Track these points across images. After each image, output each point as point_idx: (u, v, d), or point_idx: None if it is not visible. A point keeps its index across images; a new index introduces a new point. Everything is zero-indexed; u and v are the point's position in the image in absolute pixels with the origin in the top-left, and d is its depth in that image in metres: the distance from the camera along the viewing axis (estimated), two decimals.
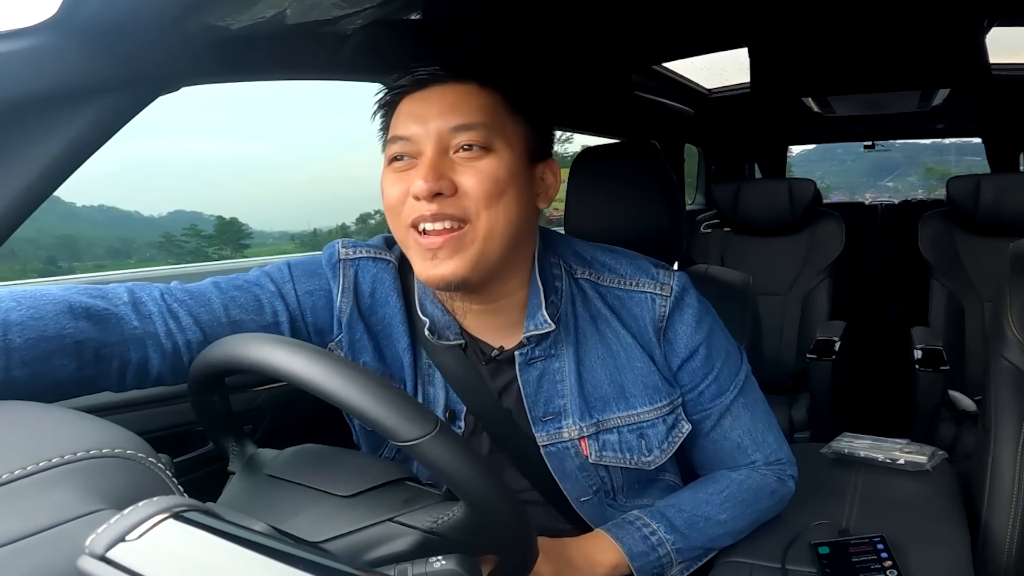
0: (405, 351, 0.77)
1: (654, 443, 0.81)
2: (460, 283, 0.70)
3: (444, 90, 0.71)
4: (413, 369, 0.78)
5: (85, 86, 0.76)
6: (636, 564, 0.80)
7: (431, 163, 0.68)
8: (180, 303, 0.69)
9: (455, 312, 0.77)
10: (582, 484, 0.81)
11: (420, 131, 0.70)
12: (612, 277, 0.81)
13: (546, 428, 0.78)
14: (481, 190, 0.68)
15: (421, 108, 0.71)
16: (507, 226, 0.70)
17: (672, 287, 0.80)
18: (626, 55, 1.96)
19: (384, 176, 0.72)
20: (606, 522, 0.84)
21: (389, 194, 0.71)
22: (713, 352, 0.82)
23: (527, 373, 0.77)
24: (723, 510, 0.85)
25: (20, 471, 0.39)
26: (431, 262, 0.69)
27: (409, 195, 0.68)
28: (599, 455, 0.79)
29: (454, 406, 0.78)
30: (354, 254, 0.79)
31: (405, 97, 0.73)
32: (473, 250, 0.69)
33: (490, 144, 0.70)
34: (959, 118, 3.45)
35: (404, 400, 0.52)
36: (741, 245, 2.43)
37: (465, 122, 0.69)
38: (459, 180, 0.68)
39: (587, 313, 0.79)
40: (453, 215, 0.68)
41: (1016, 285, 1.00)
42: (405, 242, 0.72)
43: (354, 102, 1.42)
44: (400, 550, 0.54)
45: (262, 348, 0.55)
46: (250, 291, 0.73)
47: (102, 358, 0.63)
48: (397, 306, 0.77)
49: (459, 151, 0.69)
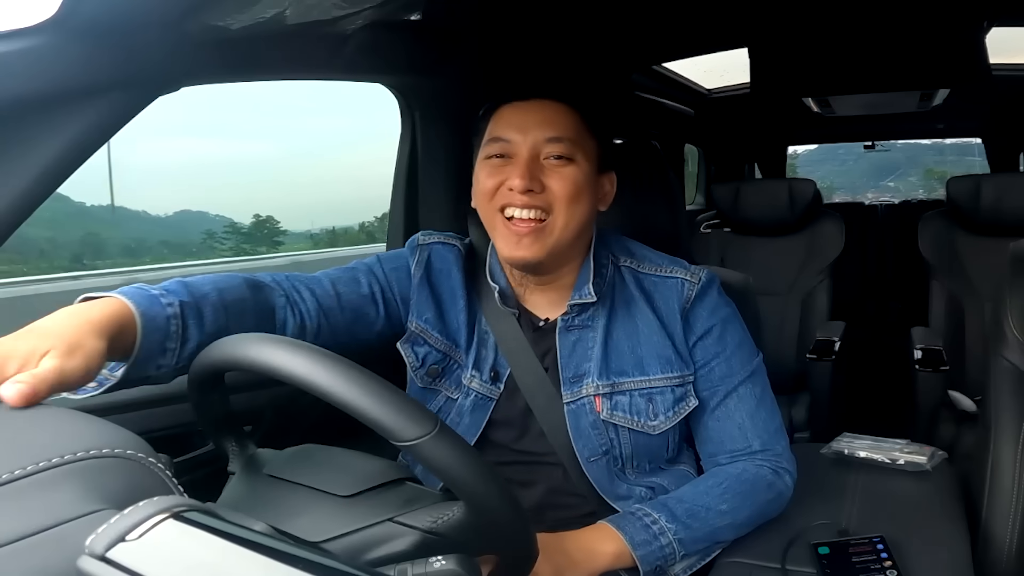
0: (463, 317, 0.92)
1: (660, 408, 0.89)
2: (536, 264, 0.85)
3: (542, 105, 0.86)
4: (468, 332, 0.92)
5: (85, 86, 0.76)
6: (639, 553, 0.81)
7: (527, 165, 0.83)
8: (299, 282, 0.87)
9: (515, 285, 0.92)
10: (593, 443, 0.88)
11: (519, 137, 0.84)
12: (651, 266, 0.93)
13: (571, 388, 0.89)
14: (564, 192, 0.83)
15: (521, 118, 0.85)
16: (578, 223, 0.85)
17: (701, 277, 0.92)
18: (626, 55, 1.96)
19: (480, 167, 0.88)
20: (612, 492, 0.88)
21: (484, 183, 0.85)
22: (727, 336, 0.91)
23: (565, 338, 0.90)
24: (723, 500, 0.86)
25: (20, 471, 0.39)
26: (517, 245, 0.83)
27: (503, 186, 0.83)
28: (610, 413, 0.88)
29: (499, 368, 0.91)
30: (428, 240, 0.96)
31: (506, 105, 0.87)
32: (551, 239, 0.84)
33: (573, 155, 0.85)
34: (959, 118, 3.45)
35: (404, 400, 0.52)
36: (741, 245, 2.43)
37: (556, 135, 0.84)
38: (547, 182, 0.83)
39: (623, 296, 0.91)
40: (539, 206, 0.82)
41: (1016, 285, 1.00)
42: (492, 223, 0.86)
43: (349, 103, 1.43)
44: (400, 550, 0.54)
45: (262, 348, 0.55)
46: (349, 272, 0.92)
47: (265, 318, 0.81)
48: (459, 280, 0.93)
49: (548, 158, 0.84)
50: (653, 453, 0.91)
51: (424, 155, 1.46)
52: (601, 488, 0.88)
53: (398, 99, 1.45)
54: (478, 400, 0.90)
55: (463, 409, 0.91)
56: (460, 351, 0.92)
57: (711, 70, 2.72)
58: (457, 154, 1.45)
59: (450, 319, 0.93)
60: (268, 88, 1.17)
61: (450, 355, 0.92)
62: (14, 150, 0.73)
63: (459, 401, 0.91)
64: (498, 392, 0.90)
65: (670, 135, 3.02)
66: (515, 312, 0.91)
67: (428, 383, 0.93)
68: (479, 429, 0.90)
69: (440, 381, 0.92)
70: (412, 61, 1.27)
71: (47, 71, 0.72)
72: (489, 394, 0.91)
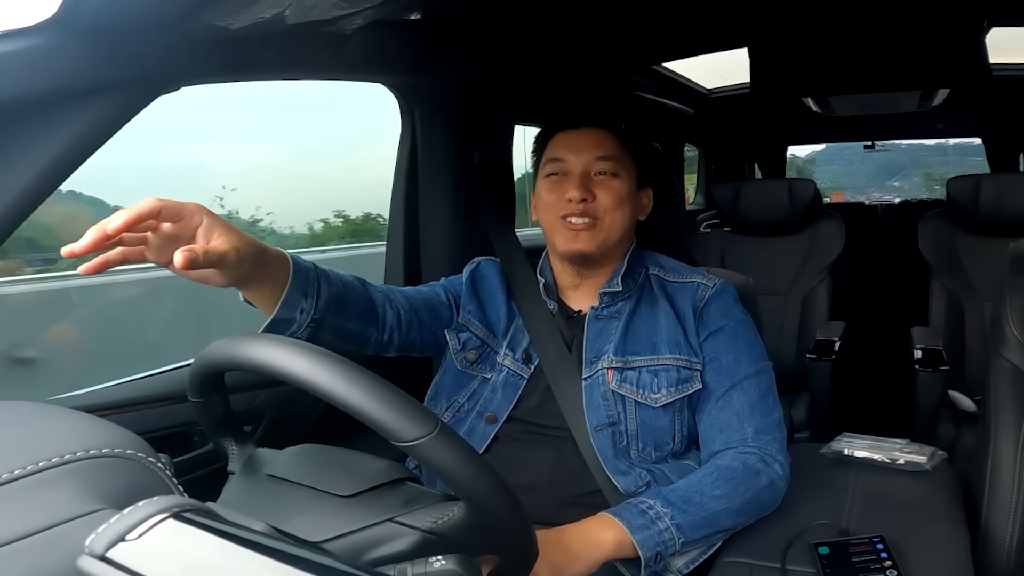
0: (503, 310, 1.08)
1: (663, 383, 0.98)
2: (589, 256, 1.01)
3: (591, 132, 1.03)
4: (506, 323, 1.07)
5: (85, 86, 0.76)
6: (637, 537, 0.83)
7: (580, 180, 0.99)
8: (389, 288, 1.02)
9: (557, 279, 1.08)
10: (601, 412, 0.97)
11: (573, 158, 1.01)
12: (675, 275, 1.07)
13: (591, 366, 1.00)
14: (611, 201, 1.00)
15: (574, 141, 1.02)
16: (621, 226, 1.01)
17: (717, 283, 1.04)
18: (626, 55, 1.96)
19: (541, 184, 1.04)
20: (615, 466, 0.93)
21: (546, 197, 1.02)
22: (739, 336, 1.01)
23: (593, 326, 1.02)
24: (715, 486, 0.90)
25: (20, 471, 0.39)
26: (575, 239, 0.99)
27: (563, 199, 0.99)
28: (619, 384, 0.98)
29: (531, 352, 1.03)
30: (478, 260, 1.15)
31: (560, 132, 1.04)
32: (601, 235, 1.00)
33: (618, 172, 1.01)
34: (959, 118, 3.45)
35: (405, 401, 0.52)
36: (741, 245, 2.43)
37: (604, 155, 1.01)
38: (597, 193, 0.99)
39: (648, 297, 1.05)
40: (592, 214, 0.99)
41: (1016, 285, 1.00)
42: (553, 226, 1.02)
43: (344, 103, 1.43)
44: (400, 550, 0.54)
45: (263, 349, 0.54)
46: (428, 285, 1.11)
47: (368, 307, 0.95)
48: (499, 282, 1.10)
49: (597, 174, 1.01)
50: (658, 437, 0.97)
51: (424, 155, 1.46)
52: (604, 458, 0.94)
53: (398, 99, 1.45)
54: (509, 377, 1.02)
55: (496, 385, 1.02)
56: (497, 339, 1.06)
57: (711, 70, 2.71)
58: (457, 154, 1.45)
59: (490, 312, 1.08)
60: (263, 89, 1.17)
61: (487, 342, 1.05)
62: (14, 150, 0.73)
63: (492, 379, 1.03)
64: (528, 372, 1.02)
65: (670, 135, 3.02)
66: (553, 304, 1.05)
67: (466, 366, 1.05)
68: (511, 404, 1.00)
69: (476, 366, 1.04)
70: (412, 61, 1.27)
71: (47, 71, 0.72)
72: (520, 372, 1.02)
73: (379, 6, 0.98)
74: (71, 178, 0.78)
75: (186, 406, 0.65)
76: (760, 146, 3.77)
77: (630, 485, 0.92)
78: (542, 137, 1.08)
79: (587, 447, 0.95)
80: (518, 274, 1.09)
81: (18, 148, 0.73)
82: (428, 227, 1.49)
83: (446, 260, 1.45)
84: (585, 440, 0.95)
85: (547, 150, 1.05)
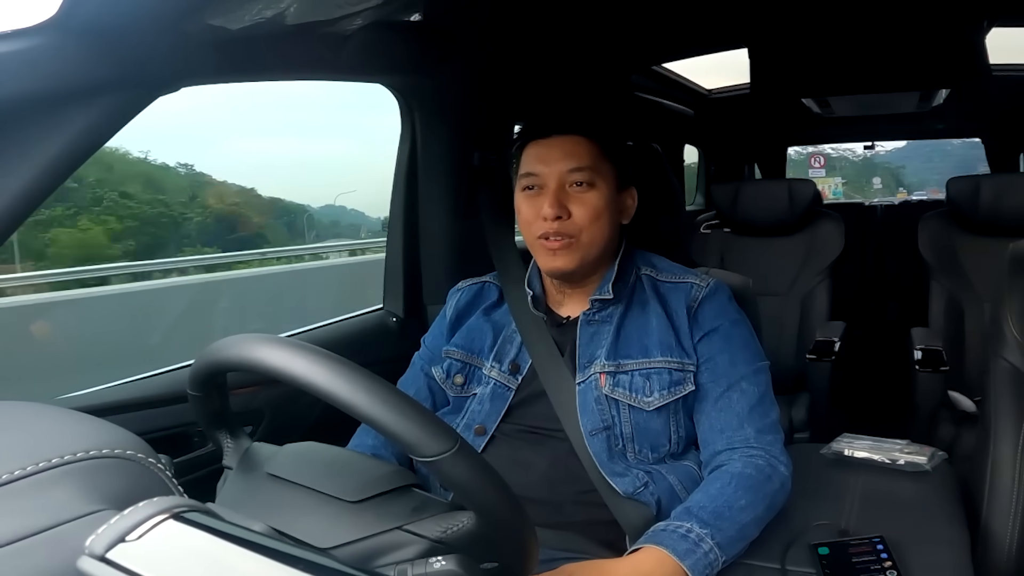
0: (488, 327, 1.05)
1: (655, 386, 0.96)
2: (568, 273, 0.98)
3: (563, 140, 0.97)
4: (492, 337, 1.05)
5: (85, 86, 0.76)
6: (687, 563, 0.80)
7: (555, 195, 0.95)
8: None
9: (546, 288, 1.05)
10: (595, 417, 0.96)
11: (545, 170, 0.96)
12: (668, 275, 1.04)
13: (584, 371, 0.99)
14: (587, 216, 0.95)
15: (545, 153, 0.97)
16: (601, 239, 0.98)
17: (711, 283, 1.02)
18: (625, 55, 1.96)
19: (518, 198, 1.00)
20: (610, 468, 0.92)
21: (524, 214, 0.99)
22: (734, 336, 0.99)
23: (585, 331, 1.00)
24: (739, 496, 0.87)
25: (20, 471, 0.39)
26: (552, 258, 0.96)
27: (539, 216, 0.96)
28: (612, 389, 0.97)
29: (520, 361, 1.02)
30: (461, 286, 1.13)
31: (532, 143, 0.99)
32: (579, 252, 0.96)
33: (593, 181, 0.96)
34: (959, 118, 3.45)
35: (426, 416, 0.53)
36: (741, 246, 2.43)
37: (577, 165, 0.96)
38: (572, 208, 0.95)
39: (640, 298, 1.02)
40: (568, 232, 0.95)
41: (1016, 286, 1.00)
42: (533, 244, 0.99)
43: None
44: (408, 559, 0.54)
45: (282, 355, 0.54)
46: (412, 379, 1.09)
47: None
48: (482, 299, 1.09)
49: (572, 186, 0.96)
50: (654, 440, 0.96)
51: (424, 155, 1.46)
52: (600, 461, 0.93)
53: (398, 99, 1.45)
54: (496, 388, 1.00)
55: (483, 397, 1.00)
56: (482, 356, 1.03)
57: (711, 70, 2.72)
58: (457, 154, 1.45)
59: (474, 332, 1.06)
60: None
61: (469, 362, 1.04)
62: (14, 150, 0.73)
63: (479, 392, 1.01)
64: (516, 382, 1.00)
65: (670, 136, 3.02)
66: (543, 314, 1.03)
67: (458, 391, 1.03)
68: (499, 416, 0.99)
69: (466, 387, 1.03)
70: (412, 61, 1.27)
71: (47, 71, 0.72)
72: (507, 383, 1.00)
73: (379, 6, 0.98)
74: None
75: (186, 406, 0.65)
76: (760, 147, 3.77)
77: (628, 486, 0.92)
78: (516, 148, 1.03)
79: (583, 450, 0.94)
80: (511, 278, 1.07)
81: (18, 148, 0.73)
82: (428, 227, 1.49)
83: (445, 260, 1.45)
84: (580, 442, 0.95)
85: (522, 162, 1.00)
